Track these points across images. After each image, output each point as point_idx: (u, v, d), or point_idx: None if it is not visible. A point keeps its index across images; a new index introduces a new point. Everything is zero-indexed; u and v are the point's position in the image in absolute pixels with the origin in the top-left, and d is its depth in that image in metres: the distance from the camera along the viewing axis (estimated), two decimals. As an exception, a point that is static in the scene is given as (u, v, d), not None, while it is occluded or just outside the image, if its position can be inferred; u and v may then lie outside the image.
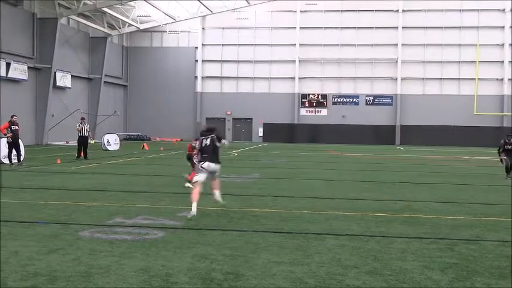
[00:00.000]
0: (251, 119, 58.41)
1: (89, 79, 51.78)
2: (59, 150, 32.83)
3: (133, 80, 60.34)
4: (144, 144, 38.53)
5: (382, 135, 56.47)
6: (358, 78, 57.73)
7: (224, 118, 59.33)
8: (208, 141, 10.34)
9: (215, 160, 10.25)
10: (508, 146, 19.17)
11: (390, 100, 57.59)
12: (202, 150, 10.36)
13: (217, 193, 10.59)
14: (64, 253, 6.91)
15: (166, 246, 7.35)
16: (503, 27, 55.75)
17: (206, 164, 10.15)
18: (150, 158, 27.76)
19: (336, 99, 58.24)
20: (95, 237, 7.92)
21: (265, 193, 13.58)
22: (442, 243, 7.89)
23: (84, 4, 44.45)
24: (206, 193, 13.38)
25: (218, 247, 7.37)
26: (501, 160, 19.37)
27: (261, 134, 57.56)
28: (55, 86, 43.94)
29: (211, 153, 10.23)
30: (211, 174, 10.33)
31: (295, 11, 58.04)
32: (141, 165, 23.06)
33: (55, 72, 43.42)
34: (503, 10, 55.67)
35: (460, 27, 55.92)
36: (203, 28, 59.53)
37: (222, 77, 59.63)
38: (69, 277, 5.83)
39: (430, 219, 10.09)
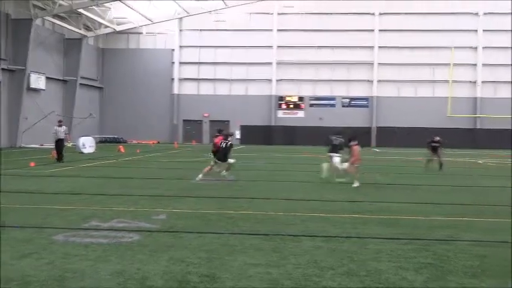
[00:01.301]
0: (228, 121, 58.34)
1: (64, 81, 51.21)
2: (34, 153, 32.43)
3: (110, 82, 59.82)
4: (120, 146, 38.23)
5: (358, 137, 56.65)
6: (334, 80, 58.09)
7: (201, 120, 59.22)
8: (224, 145, 17.45)
9: (224, 159, 17.46)
10: (435, 144, 23.82)
11: (366, 102, 58.08)
12: (220, 149, 17.56)
13: (224, 172, 17.71)
14: (38, 257, 6.82)
15: (142, 250, 7.31)
16: (476, 30, 56.64)
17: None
18: (126, 160, 27.56)
19: (312, 101, 58.55)
20: (70, 241, 7.84)
21: (241, 195, 13.58)
22: (416, 243, 7.98)
23: (60, 5, 44.00)
24: (181, 196, 13.35)
25: (194, 250, 7.34)
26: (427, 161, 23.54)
27: (238, 136, 57.59)
28: (29, 88, 43.34)
29: (222, 154, 17.38)
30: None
31: (273, 14, 58.23)
32: (117, 168, 22.89)
33: (29, 74, 42.87)
34: (477, 13, 56.56)
35: (434, 30, 56.56)
36: (180, 30, 59.36)
37: (199, 79, 59.50)
38: (43, 281, 5.77)
39: (406, 220, 10.18)
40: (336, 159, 17.76)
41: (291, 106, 58.70)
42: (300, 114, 58.46)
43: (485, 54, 56.59)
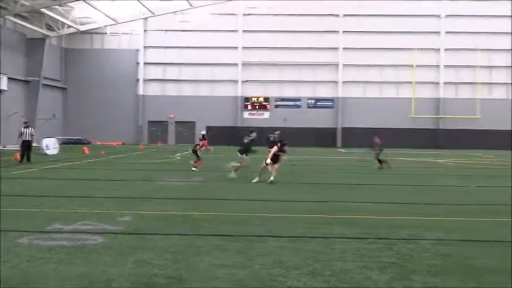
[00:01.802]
0: (194, 122, 58.12)
1: (26, 82, 50.29)
2: (-5, 155, 31.74)
3: (73, 82, 58.95)
4: (85, 148, 37.73)
5: (323, 137, 57.25)
6: (300, 81, 58.44)
7: (167, 121, 58.87)
8: (246, 140, 20.43)
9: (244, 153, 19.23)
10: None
11: (332, 103, 58.57)
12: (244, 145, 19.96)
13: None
14: (3, 261, 6.69)
15: (107, 252, 7.24)
16: (438, 32, 57.75)
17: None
18: (90, 162, 27.21)
19: (278, 102, 58.79)
20: (34, 243, 7.71)
21: (207, 196, 13.56)
22: (381, 243, 8.07)
23: (21, 5, 43.19)
24: (146, 197, 13.28)
25: (160, 252, 7.31)
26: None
27: (204, 138, 57.27)
28: (-10, 89, 42.50)
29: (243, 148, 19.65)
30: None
31: (238, 14, 58.26)
32: (81, 169, 22.58)
33: (-10, 75, 42.03)
34: (439, 16, 57.66)
35: (398, 32, 57.43)
36: (145, 30, 58.94)
37: (165, 80, 59.17)
38: (8, 285, 5.67)
39: (370, 219, 10.31)
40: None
41: (257, 107, 58.84)
42: (266, 115, 58.64)
43: (447, 55, 57.74)
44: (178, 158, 32.01)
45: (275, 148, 17.88)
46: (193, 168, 21.46)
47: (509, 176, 21.80)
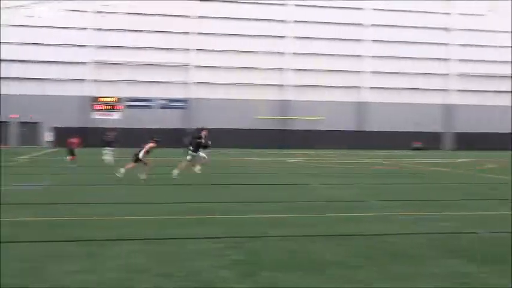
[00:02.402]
0: (38, 122, 55.22)
1: None
2: None
3: None
4: None
5: (176, 138, 57.14)
6: (152, 82, 57.93)
7: (7, 122, 55.11)
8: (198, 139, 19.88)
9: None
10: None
11: (184, 104, 58.73)
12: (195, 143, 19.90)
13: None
14: None
15: None
16: (284, 36, 60.35)
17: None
18: None
19: (130, 102, 57.81)
20: None
21: (56, 200, 13.06)
22: (230, 241, 8.33)
23: None
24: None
25: (7, 260, 6.96)
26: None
27: (50, 139, 54.61)
28: None
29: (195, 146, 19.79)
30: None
31: (89, 12, 56.41)
32: None
33: None
34: (284, 20, 60.34)
35: (247, 35, 59.11)
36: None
37: (8, 78, 55.33)
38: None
39: (220, 219, 10.57)
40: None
41: (107, 107, 57.38)
42: (117, 115, 57.37)
43: (294, 59, 60.52)
44: (22, 161, 30.35)
45: (150, 144, 18.65)
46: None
47: (351, 173, 23.46)
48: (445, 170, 26.31)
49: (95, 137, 55.31)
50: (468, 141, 61.45)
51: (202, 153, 20.72)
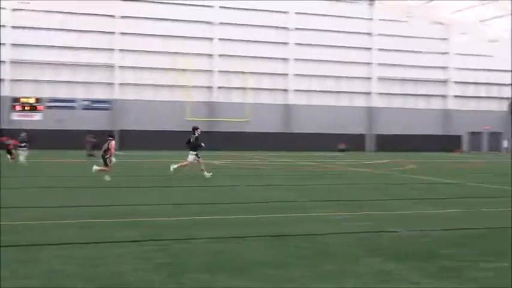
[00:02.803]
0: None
1: None
2: None
3: None
4: None
5: (102, 140, 55.94)
6: (75, 82, 56.54)
7: None
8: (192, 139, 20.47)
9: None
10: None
11: (108, 105, 57.60)
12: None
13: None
14: None
15: None
16: (211, 39, 60.44)
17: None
18: None
19: (51, 103, 56.11)
20: None
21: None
22: (156, 244, 8.20)
23: None
24: None
25: None
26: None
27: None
28: None
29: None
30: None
31: (6, 9, 54.43)
32: None
33: None
34: (211, 23, 60.31)
35: (172, 36, 58.84)
36: None
37: None
38: None
39: (149, 221, 10.38)
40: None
41: (27, 108, 55.43)
42: (38, 116, 55.52)
43: (221, 61, 60.69)
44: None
45: (112, 143, 19.70)
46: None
47: (276, 174, 23.73)
48: (367, 171, 27.07)
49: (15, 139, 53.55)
50: (389, 143, 63.63)
51: (191, 156, 21.07)
